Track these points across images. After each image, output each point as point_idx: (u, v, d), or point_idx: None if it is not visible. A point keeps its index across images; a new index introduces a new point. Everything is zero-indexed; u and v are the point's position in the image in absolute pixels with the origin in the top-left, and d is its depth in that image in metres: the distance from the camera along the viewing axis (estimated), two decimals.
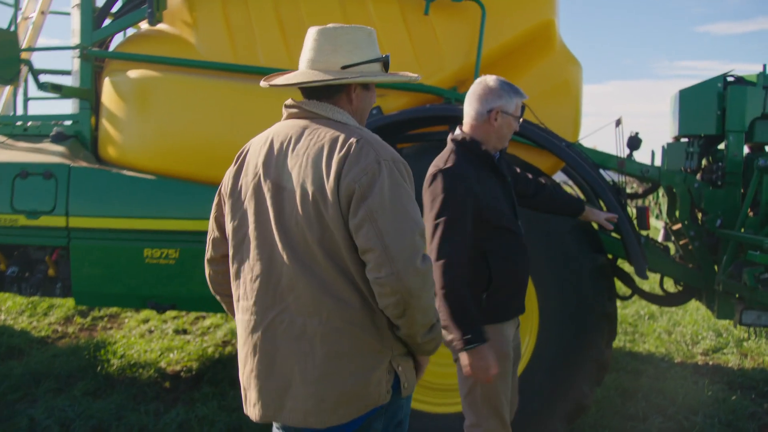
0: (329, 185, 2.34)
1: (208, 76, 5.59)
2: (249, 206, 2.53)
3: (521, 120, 3.62)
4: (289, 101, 2.63)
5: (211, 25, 5.72)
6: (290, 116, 2.60)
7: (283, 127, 2.57)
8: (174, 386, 6.32)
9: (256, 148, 2.59)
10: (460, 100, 5.08)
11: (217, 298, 2.94)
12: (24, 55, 5.95)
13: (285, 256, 2.42)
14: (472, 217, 3.31)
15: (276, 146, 2.52)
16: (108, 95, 5.73)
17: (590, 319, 4.60)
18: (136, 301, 5.58)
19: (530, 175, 3.99)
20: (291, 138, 2.50)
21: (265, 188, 2.48)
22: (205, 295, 3.46)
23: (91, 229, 5.45)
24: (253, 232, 2.50)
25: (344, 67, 2.52)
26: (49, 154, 5.68)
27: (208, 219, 2.86)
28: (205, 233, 2.89)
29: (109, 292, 5.53)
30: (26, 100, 7.07)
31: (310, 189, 2.37)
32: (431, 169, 3.41)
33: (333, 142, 2.40)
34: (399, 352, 2.49)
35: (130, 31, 6.37)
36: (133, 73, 5.63)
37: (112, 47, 6.25)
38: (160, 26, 5.96)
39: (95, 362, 6.77)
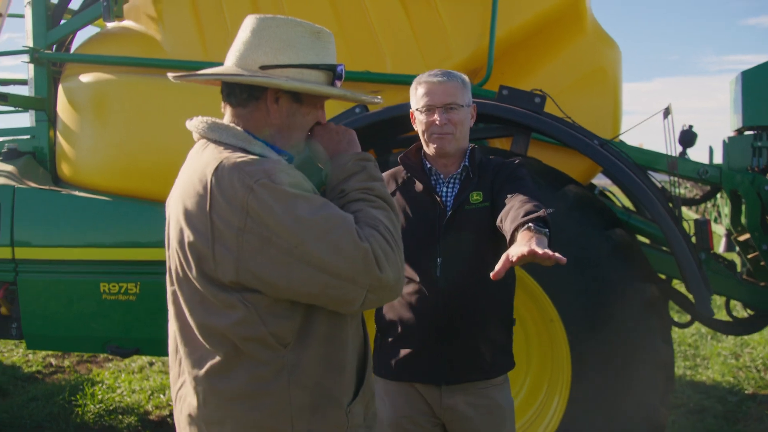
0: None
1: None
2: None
3: (440, 110, 2.69)
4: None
5: (178, 18, 4.93)
6: None
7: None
8: None
9: None
10: (472, 93, 4.17)
11: None
12: None
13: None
14: None
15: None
16: (62, 104, 4.94)
17: (638, 369, 3.57)
18: (94, 344, 4.76)
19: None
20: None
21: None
22: None
23: (40, 261, 4.66)
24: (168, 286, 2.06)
25: (264, 68, 1.96)
26: None
27: None
28: None
29: (63, 335, 4.73)
30: None
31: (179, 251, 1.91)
32: None
33: (192, 186, 1.88)
34: None
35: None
36: (87, 77, 4.82)
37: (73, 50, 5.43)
38: (124, 23, 5.16)
39: (70, 408, 5.95)
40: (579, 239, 3.55)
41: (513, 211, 2.42)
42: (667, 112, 4.09)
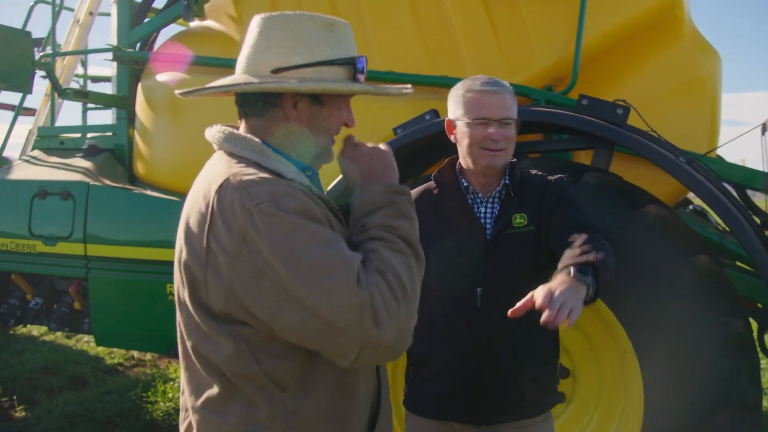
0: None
1: None
2: None
3: (497, 123, 2.43)
4: None
5: None
6: None
7: None
8: None
9: None
10: (553, 102, 3.93)
11: None
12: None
13: None
14: None
15: None
16: (140, 103, 4.94)
17: (720, 412, 3.20)
18: (159, 345, 4.73)
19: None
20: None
21: None
22: None
23: (111, 259, 4.66)
24: None
25: (276, 71, 1.76)
26: (73, 170, 4.94)
27: None
28: None
29: (129, 333, 4.73)
30: (84, 110, 6.44)
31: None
32: None
33: (196, 202, 1.72)
34: None
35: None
36: (164, 77, 4.78)
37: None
38: (206, 23, 5.14)
39: (140, 404, 5.97)
40: (658, 265, 3.24)
41: (567, 251, 2.21)
42: (765, 128, 3.75)
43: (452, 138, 2.56)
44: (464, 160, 2.53)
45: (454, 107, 2.52)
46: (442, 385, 2.54)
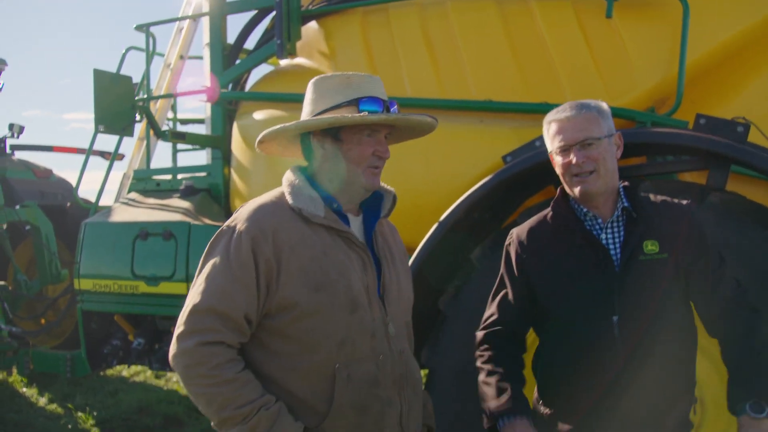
0: None
1: None
2: None
3: (576, 148, 2.42)
4: None
5: (350, 53, 4.88)
6: None
7: None
8: None
9: None
10: (660, 124, 3.85)
11: None
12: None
13: None
14: (521, 298, 2.59)
15: None
16: (236, 141, 5.01)
17: None
18: None
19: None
20: None
21: None
22: None
23: None
24: None
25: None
26: (172, 211, 5.01)
27: None
28: None
29: None
30: (174, 152, 6.56)
31: None
32: None
33: None
34: None
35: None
36: (260, 115, 4.85)
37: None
38: (297, 61, 5.19)
39: None
40: None
41: (734, 361, 2.43)
42: None
43: (556, 170, 2.52)
44: (568, 189, 2.49)
45: (546, 141, 2.53)
46: (578, 420, 2.44)
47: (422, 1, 4.71)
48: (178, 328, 2.12)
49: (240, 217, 2.19)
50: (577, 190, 2.42)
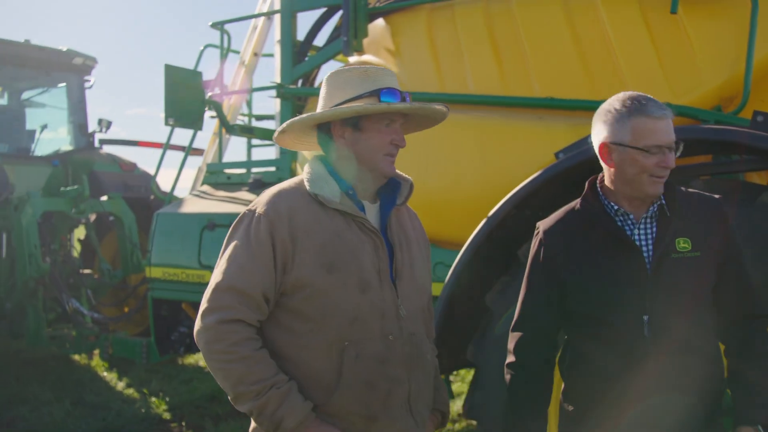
0: None
1: None
2: None
3: (668, 150, 2.33)
4: None
5: (416, 50, 4.91)
6: None
7: None
8: None
9: None
10: (724, 123, 3.74)
11: None
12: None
13: None
14: (549, 295, 2.53)
15: None
16: None
17: None
18: None
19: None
20: None
21: None
22: None
23: None
24: None
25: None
26: (240, 203, 5.15)
27: None
28: None
29: None
30: (249, 147, 6.73)
31: None
32: None
33: None
34: None
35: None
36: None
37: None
38: (365, 57, 5.26)
39: None
40: None
41: (744, 384, 2.42)
42: None
43: (607, 162, 2.42)
44: (621, 185, 2.40)
45: (615, 130, 2.37)
46: (610, 418, 2.40)
47: None
48: (202, 305, 2.25)
49: (260, 201, 2.32)
50: (652, 190, 2.35)
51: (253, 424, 2.32)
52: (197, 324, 2.25)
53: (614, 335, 2.38)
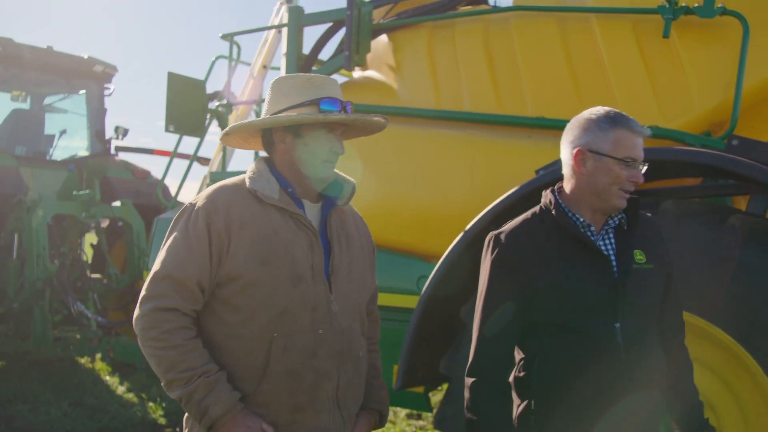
0: None
1: (406, 125, 4.77)
2: None
3: (639, 164, 2.38)
4: None
5: (416, 67, 4.99)
6: None
7: None
8: None
9: None
10: (709, 147, 3.74)
11: None
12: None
13: None
14: (515, 303, 2.43)
15: None
16: None
17: None
18: None
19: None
20: None
21: None
22: None
23: None
24: None
25: (272, 116, 2.47)
26: None
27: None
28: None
29: None
30: (256, 156, 6.80)
31: None
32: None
33: None
34: None
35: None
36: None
37: None
38: (368, 72, 5.34)
39: None
40: None
41: (682, 395, 2.53)
42: None
43: (579, 168, 2.42)
44: (588, 194, 2.41)
45: (597, 138, 2.38)
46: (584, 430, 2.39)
47: (488, 18, 4.75)
48: (141, 294, 2.33)
49: (201, 196, 2.42)
50: (618, 202, 2.38)
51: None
52: (136, 311, 2.32)
53: (588, 344, 2.36)
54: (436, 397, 6.70)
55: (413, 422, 6.90)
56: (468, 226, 3.71)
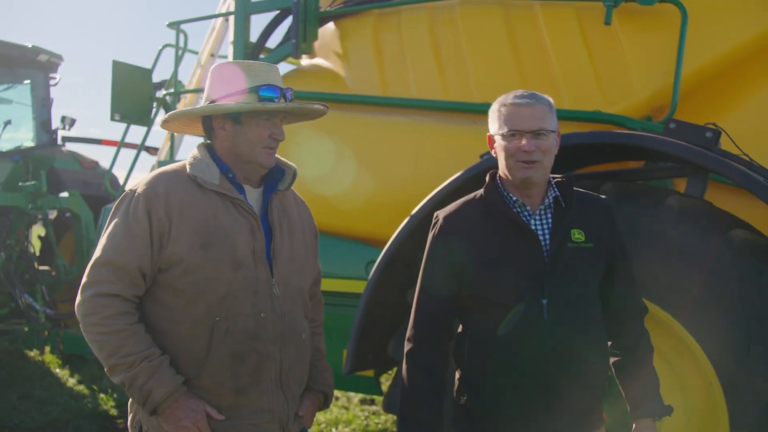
0: None
1: (353, 112, 4.80)
2: None
3: (521, 136, 2.44)
4: None
5: (362, 54, 5.01)
6: None
7: None
8: None
9: None
10: (649, 130, 3.83)
11: None
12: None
13: None
14: (449, 280, 2.55)
15: None
16: None
17: None
18: None
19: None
20: None
21: None
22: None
23: None
24: None
25: (211, 102, 2.47)
26: None
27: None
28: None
29: None
30: None
31: None
32: None
33: None
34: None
35: None
36: None
37: None
38: (316, 60, 5.34)
39: None
40: (746, 293, 3.07)
41: (636, 378, 2.57)
42: None
43: (493, 153, 2.56)
44: (504, 173, 2.52)
45: (492, 122, 2.54)
46: (508, 406, 2.47)
47: (434, 5, 4.78)
48: (82, 280, 2.32)
49: (141, 182, 2.42)
50: (520, 174, 2.44)
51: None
52: (77, 297, 2.32)
53: (518, 320, 2.43)
54: (389, 381, 6.75)
55: (366, 407, 6.95)
56: (414, 211, 3.76)
